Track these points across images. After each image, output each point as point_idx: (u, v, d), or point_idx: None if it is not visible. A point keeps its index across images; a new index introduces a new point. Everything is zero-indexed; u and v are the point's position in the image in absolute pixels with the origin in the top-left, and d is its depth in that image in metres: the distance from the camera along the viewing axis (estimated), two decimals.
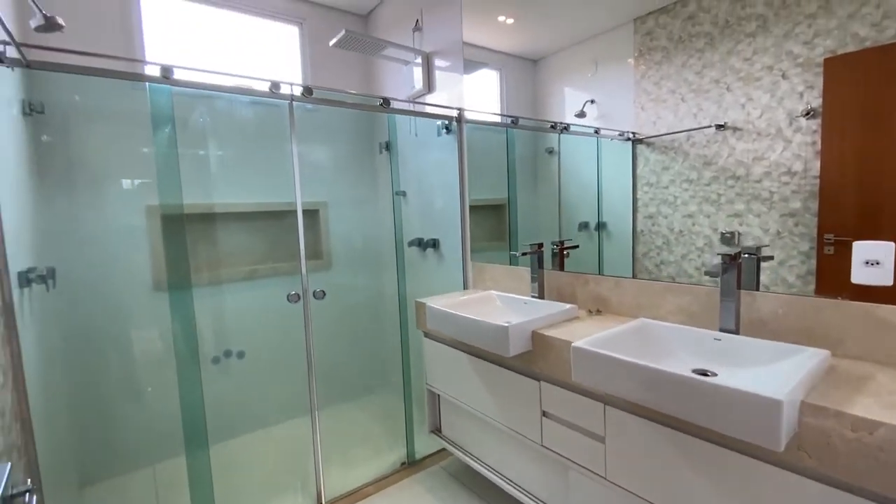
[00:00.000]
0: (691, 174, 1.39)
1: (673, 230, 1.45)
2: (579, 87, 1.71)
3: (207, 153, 2.31)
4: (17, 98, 1.62)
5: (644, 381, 1.01)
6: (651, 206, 1.51)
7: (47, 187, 1.88)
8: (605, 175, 1.68)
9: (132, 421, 2.12)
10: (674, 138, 1.42)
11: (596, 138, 1.69)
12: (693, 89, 1.35)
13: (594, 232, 1.73)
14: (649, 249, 1.52)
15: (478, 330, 1.49)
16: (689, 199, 1.40)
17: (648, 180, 1.51)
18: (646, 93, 1.47)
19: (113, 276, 2.04)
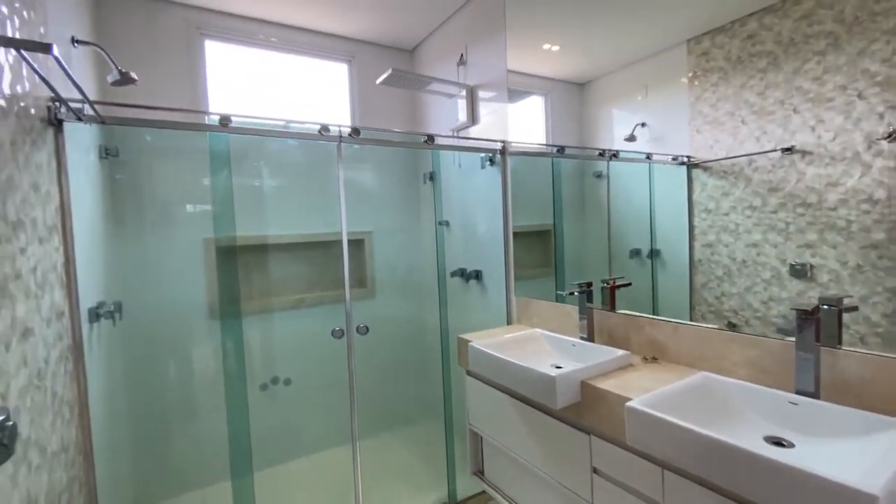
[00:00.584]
0: (754, 200, 1.29)
1: (735, 260, 1.35)
2: (629, 111, 1.66)
3: (260, 187, 2.42)
4: (95, 145, 1.77)
5: (709, 454, 0.92)
6: (710, 234, 1.42)
7: (119, 224, 2.02)
8: (657, 200, 1.61)
9: (185, 446, 2.21)
10: (734, 162, 1.34)
11: (648, 164, 1.62)
12: (755, 111, 1.27)
13: (647, 259, 1.64)
14: (709, 280, 1.42)
15: (523, 377, 1.43)
16: (752, 227, 1.30)
17: (706, 206, 1.42)
18: (702, 115, 1.41)
19: (173, 306, 2.15)
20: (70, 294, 1.28)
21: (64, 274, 1.26)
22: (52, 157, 1.22)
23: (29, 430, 0.91)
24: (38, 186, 1.08)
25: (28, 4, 1.07)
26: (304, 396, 2.52)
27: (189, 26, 2.23)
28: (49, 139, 1.21)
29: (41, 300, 1.05)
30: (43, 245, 1.10)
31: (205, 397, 2.25)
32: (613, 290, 1.72)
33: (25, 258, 0.97)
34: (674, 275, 1.53)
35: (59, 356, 1.16)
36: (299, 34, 2.53)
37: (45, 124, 1.19)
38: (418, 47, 2.85)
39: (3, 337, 0.83)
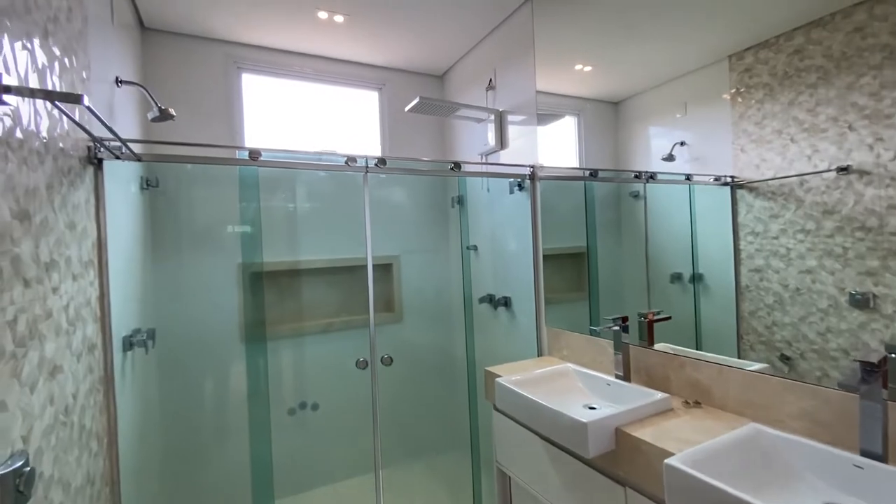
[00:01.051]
0: (807, 224, 1.21)
1: (787, 287, 1.25)
2: (667, 129, 1.59)
3: (289, 213, 2.46)
4: (136, 176, 1.86)
5: None
6: (758, 259, 1.32)
7: (157, 252, 2.10)
8: (699, 222, 1.53)
9: (210, 472, 2.23)
10: (783, 183, 1.25)
11: (688, 185, 1.54)
12: (805, 129, 1.19)
13: (689, 284, 1.55)
14: (758, 308, 1.32)
15: (552, 420, 1.34)
16: (805, 252, 1.21)
17: (753, 229, 1.34)
18: (746, 133, 1.33)
19: (205, 331, 2.20)
20: (103, 326, 1.32)
21: (98, 307, 1.30)
22: (90, 195, 1.27)
23: (52, 469, 0.92)
24: (73, 225, 1.13)
25: (70, 51, 1.13)
26: (331, 422, 2.50)
27: (228, 60, 2.33)
28: (88, 177, 1.26)
29: (72, 336, 1.08)
30: (77, 281, 1.13)
31: (230, 423, 2.27)
32: (651, 324, 1.62)
33: (57, 297, 1.00)
34: (719, 301, 1.44)
35: (88, 389, 1.18)
36: (332, 64, 2.59)
37: (85, 163, 1.25)
38: (448, 73, 2.86)
39: (29, 379, 0.85)
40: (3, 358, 0.76)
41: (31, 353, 0.86)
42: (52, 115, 1.01)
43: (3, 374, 0.75)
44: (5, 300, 0.77)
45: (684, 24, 1.51)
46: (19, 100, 0.84)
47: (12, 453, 0.76)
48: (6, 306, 0.77)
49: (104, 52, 1.45)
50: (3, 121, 0.78)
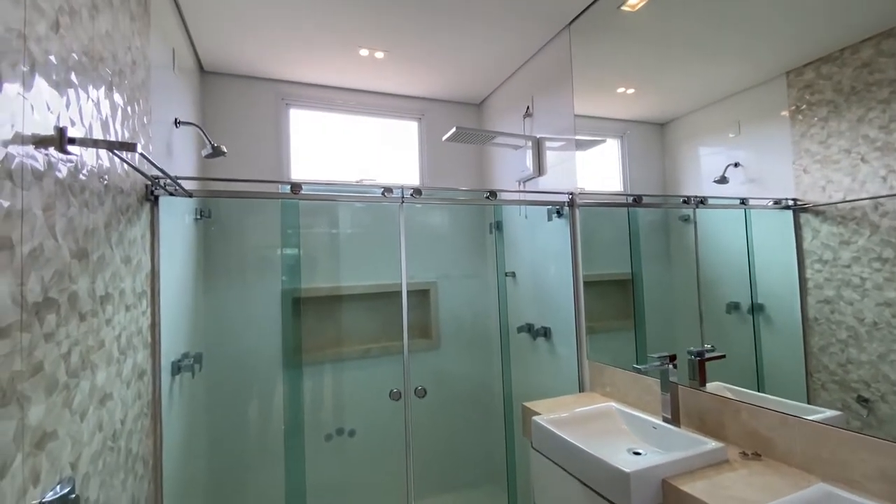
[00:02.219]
0: (884, 251, 1.10)
1: (863, 321, 1.14)
2: (719, 150, 1.51)
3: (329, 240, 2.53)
4: (191, 209, 1.98)
5: None
6: (827, 289, 1.22)
7: (208, 281, 2.22)
8: (757, 249, 1.42)
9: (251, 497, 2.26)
10: (854, 206, 1.15)
11: (743, 209, 1.44)
12: (877, 147, 1.09)
13: (747, 315, 1.43)
14: (829, 343, 1.21)
15: (592, 466, 1.26)
16: (883, 283, 1.10)
17: (821, 256, 1.23)
18: (808, 153, 1.24)
19: (250, 355, 2.28)
20: (154, 353, 1.39)
21: (149, 335, 1.37)
22: (146, 230, 1.36)
23: (98, 494, 0.96)
24: (129, 259, 1.21)
25: (133, 100, 1.23)
26: (366, 450, 2.49)
27: (277, 97, 2.48)
28: (145, 213, 1.36)
29: (123, 364, 1.15)
30: (130, 311, 1.21)
31: (268, 449, 2.31)
32: (703, 363, 1.50)
33: (110, 328, 1.06)
34: (783, 334, 1.33)
35: (137, 414, 1.24)
36: (373, 97, 2.69)
37: (143, 200, 1.34)
38: (485, 101, 2.89)
39: (80, 407, 0.89)
40: (57, 389, 0.81)
41: (82, 384, 0.91)
42: (113, 160, 1.10)
43: (56, 405, 0.80)
44: (61, 335, 0.82)
45: (736, 40, 1.44)
46: (82, 149, 0.92)
47: (60, 479, 0.80)
48: (62, 340, 0.83)
49: (165, 96, 1.58)
50: (67, 168, 0.85)
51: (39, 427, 0.74)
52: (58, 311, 0.81)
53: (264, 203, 2.34)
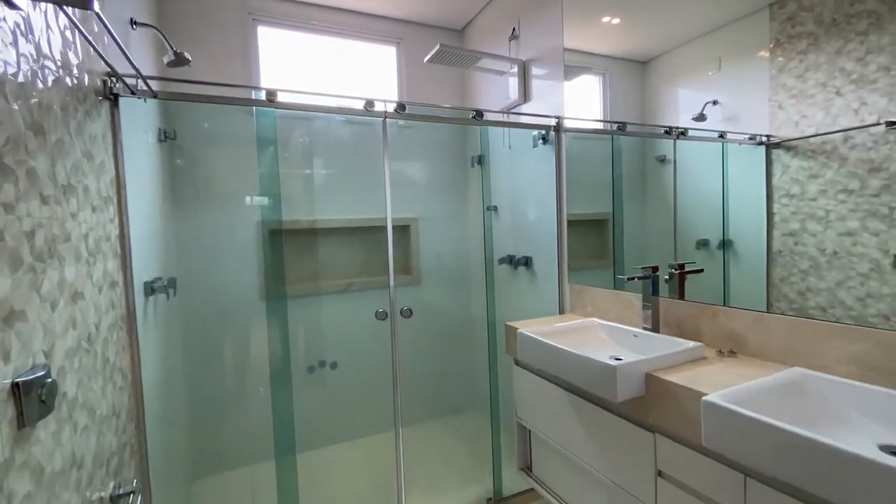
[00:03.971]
0: (850, 183, 1.14)
1: (824, 251, 1.19)
2: (698, 89, 1.51)
3: (307, 171, 2.43)
4: (153, 127, 1.83)
5: (811, 461, 0.76)
6: (793, 222, 1.26)
7: (176, 205, 2.10)
8: (730, 186, 1.45)
9: (233, 424, 2.27)
10: (825, 140, 1.18)
11: (721, 143, 1.46)
12: (853, 80, 1.11)
13: (716, 251, 1.49)
14: (790, 274, 1.27)
15: (579, 366, 1.30)
16: (847, 214, 1.15)
17: (788, 191, 1.27)
18: (785, 88, 1.24)
19: (226, 286, 2.21)
20: (124, 265, 1.31)
21: (118, 246, 1.29)
22: (107, 131, 1.25)
23: (76, 392, 0.92)
24: (91, 156, 1.10)
25: None
26: (350, 381, 2.52)
27: (242, 12, 2.27)
28: (104, 113, 1.24)
29: (93, 266, 1.07)
30: (96, 214, 1.12)
31: (252, 378, 2.29)
32: (683, 276, 1.55)
33: (76, 223, 0.98)
34: (748, 267, 1.38)
35: (111, 324, 1.18)
36: (349, 17, 2.51)
37: (101, 98, 1.22)
38: (468, 26, 2.75)
39: (49, 296, 0.83)
40: (23, 268, 0.74)
41: (50, 272, 0.84)
42: (66, 36, 0.98)
43: (22, 283, 0.74)
44: (22, 210, 0.75)
45: None
46: (31, 10, 0.80)
47: (34, 364, 0.76)
48: (23, 216, 0.75)
49: None
50: (14, 22, 0.75)
51: (6, 302, 0.69)
52: (16, 184, 0.73)
53: (235, 127, 2.19)
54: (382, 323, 1.90)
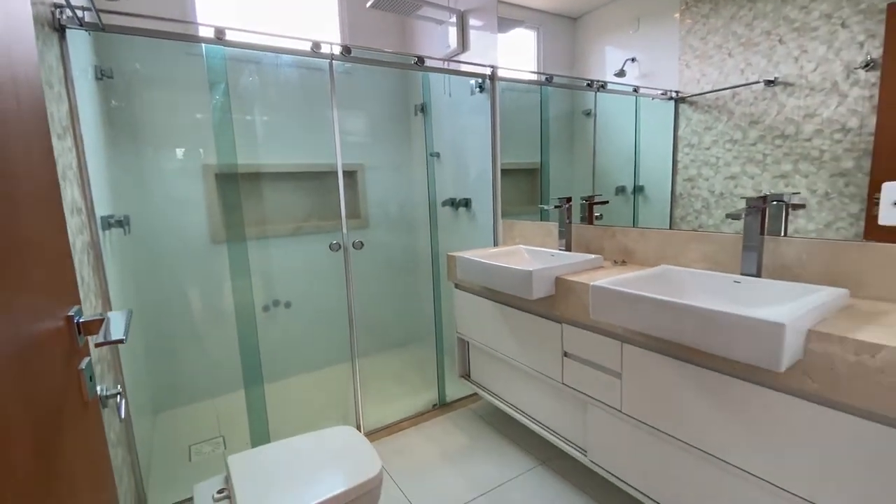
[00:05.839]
0: (735, 134, 1.33)
1: (714, 192, 1.41)
2: (621, 46, 1.66)
3: (256, 116, 2.46)
4: (91, 64, 1.80)
5: (653, 312, 1.08)
6: (691, 169, 1.47)
7: (118, 146, 2.08)
8: (644, 137, 1.64)
9: (197, 358, 2.39)
10: (718, 96, 1.35)
11: (634, 97, 1.64)
12: (741, 43, 1.28)
13: (632, 196, 1.72)
14: (687, 213, 1.49)
15: (504, 275, 1.58)
16: (731, 161, 1.35)
17: (690, 141, 1.46)
18: (691, 49, 1.41)
19: (176, 228, 2.26)
20: (84, 193, 1.38)
21: (78, 175, 1.35)
22: (59, 62, 1.28)
23: None
24: (51, 84, 1.15)
25: None
26: (305, 319, 2.69)
27: None
28: (55, 44, 1.26)
29: (64, 191, 1.15)
30: (60, 141, 1.18)
31: (213, 316, 2.40)
32: (591, 206, 1.85)
33: None
34: (655, 210, 1.60)
35: (83, 245, 1.27)
36: None
37: (51, 29, 1.24)
38: None
39: None
40: None
41: None
42: None
43: None
44: None
45: None
46: None
47: None
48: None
49: None
50: None
51: None
52: None
53: (177, 69, 2.17)
54: (335, 263, 2.06)
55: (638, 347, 1.26)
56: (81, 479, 0.54)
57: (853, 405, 0.87)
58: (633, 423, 1.31)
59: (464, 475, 1.75)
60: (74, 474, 0.52)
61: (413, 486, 1.70)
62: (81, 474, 0.54)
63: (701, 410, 1.12)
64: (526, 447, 1.90)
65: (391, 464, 1.85)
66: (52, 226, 0.57)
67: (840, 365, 0.87)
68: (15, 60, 0.50)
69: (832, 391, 0.89)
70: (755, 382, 1.01)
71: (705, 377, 1.10)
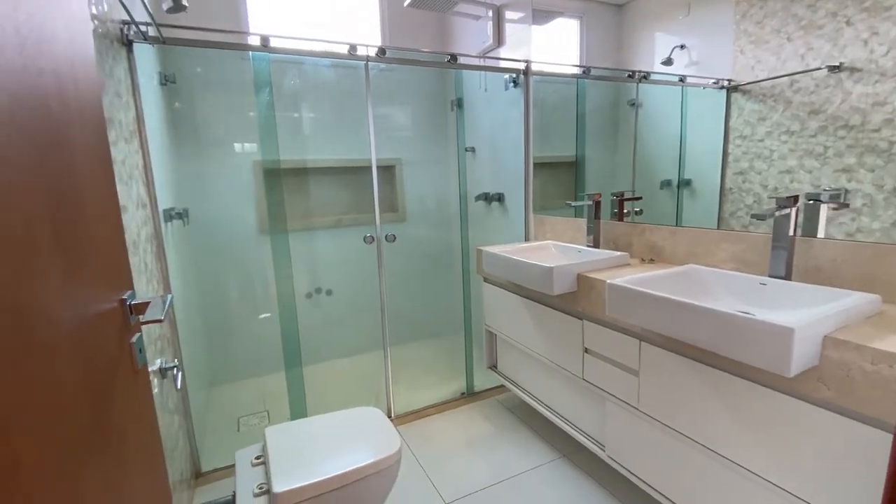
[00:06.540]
0: (792, 125, 1.23)
1: (767, 187, 1.32)
2: (670, 33, 1.58)
3: (297, 114, 2.62)
4: (156, 71, 2.00)
5: (663, 311, 1.08)
6: (743, 162, 1.38)
7: (178, 145, 2.30)
8: (692, 128, 1.56)
9: (246, 339, 2.61)
10: (774, 84, 1.26)
11: (681, 87, 1.57)
12: (802, 26, 1.18)
13: (676, 190, 1.64)
14: (737, 209, 1.40)
15: (526, 270, 1.61)
16: (787, 153, 1.25)
17: (742, 133, 1.37)
18: (746, 34, 1.32)
19: (228, 220, 2.47)
20: (149, 190, 1.55)
21: (144, 174, 1.53)
22: (127, 74, 1.45)
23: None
24: (120, 94, 1.32)
25: None
26: (343, 306, 2.84)
27: None
28: (123, 58, 1.43)
29: (130, 188, 1.32)
30: (128, 144, 1.35)
31: (261, 299, 2.61)
32: (622, 202, 1.83)
33: (117, 150, 1.22)
34: (702, 205, 1.52)
35: (147, 236, 1.45)
36: None
37: (120, 44, 1.41)
38: None
39: None
40: None
41: None
42: None
43: None
44: None
45: None
46: None
47: None
48: None
49: None
50: None
51: None
52: None
53: (231, 72, 2.35)
54: (370, 254, 2.18)
55: (655, 346, 1.26)
56: (131, 430, 0.66)
57: (869, 415, 0.84)
58: (648, 420, 1.31)
59: (486, 461, 1.81)
60: (125, 426, 0.63)
61: (436, 468, 1.79)
62: (131, 427, 0.66)
63: (714, 412, 1.11)
64: (549, 439, 1.93)
65: (417, 446, 1.95)
66: (110, 224, 0.69)
67: (857, 373, 0.85)
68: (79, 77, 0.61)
69: (847, 399, 0.86)
70: (768, 386, 0.99)
71: (719, 378, 1.09)
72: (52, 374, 0.44)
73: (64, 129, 0.53)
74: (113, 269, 0.67)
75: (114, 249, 0.68)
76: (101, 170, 0.67)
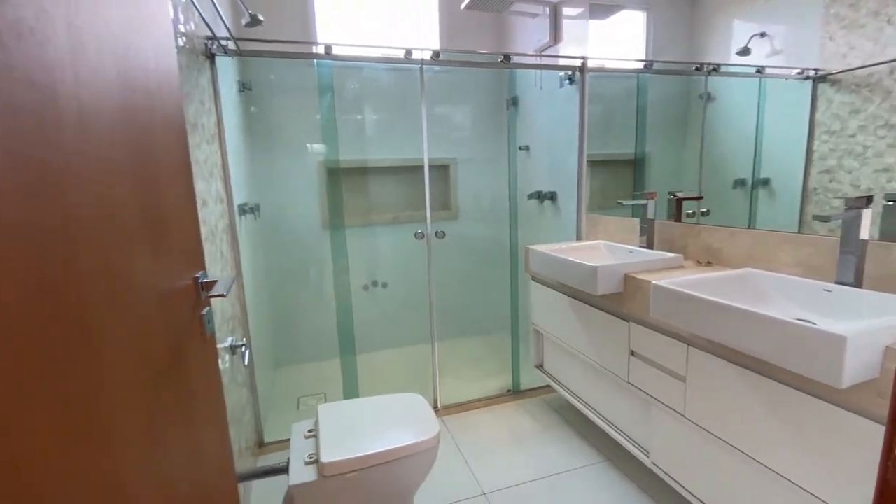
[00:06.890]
0: (892, 118, 1.09)
1: (858, 188, 1.18)
2: (749, 20, 1.46)
3: (358, 116, 2.77)
4: (235, 80, 2.23)
5: (705, 314, 1.04)
6: (830, 159, 1.24)
7: (253, 145, 2.53)
8: (771, 123, 1.44)
9: (309, 325, 2.81)
10: (871, 72, 1.12)
11: (759, 79, 1.44)
12: None
13: (751, 190, 1.52)
14: (822, 211, 1.28)
15: (571, 269, 1.61)
16: (885, 150, 1.12)
17: (829, 127, 1.24)
18: (837, 18, 1.18)
19: (295, 215, 2.67)
20: (226, 185, 1.74)
21: (222, 172, 1.71)
22: (210, 83, 1.64)
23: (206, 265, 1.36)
24: (203, 102, 1.50)
25: None
26: (396, 300, 2.97)
27: None
28: (207, 69, 1.62)
29: (210, 184, 1.50)
30: (210, 145, 1.53)
31: (321, 289, 2.80)
32: (679, 201, 1.76)
33: (200, 151, 1.39)
34: (782, 206, 1.40)
35: (223, 228, 1.63)
36: None
37: (204, 58, 1.60)
38: None
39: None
40: None
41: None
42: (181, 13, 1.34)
43: None
44: None
45: None
46: None
47: None
48: None
49: None
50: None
51: None
52: None
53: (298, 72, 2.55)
54: (423, 250, 2.27)
55: (702, 352, 1.21)
56: (200, 389, 0.78)
57: None
58: (695, 428, 1.27)
59: (527, 457, 1.83)
60: (195, 384, 0.75)
61: (477, 459, 1.83)
62: (200, 386, 0.78)
63: (766, 423, 1.06)
64: (594, 442, 1.90)
65: (460, 437, 2.00)
66: (187, 213, 0.81)
67: None
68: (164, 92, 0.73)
69: None
70: (821, 398, 0.93)
71: (771, 388, 1.04)
72: (146, 325, 0.56)
73: (149, 135, 0.64)
74: (189, 252, 0.79)
75: (189, 234, 0.80)
76: (180, 167, 0.79)
